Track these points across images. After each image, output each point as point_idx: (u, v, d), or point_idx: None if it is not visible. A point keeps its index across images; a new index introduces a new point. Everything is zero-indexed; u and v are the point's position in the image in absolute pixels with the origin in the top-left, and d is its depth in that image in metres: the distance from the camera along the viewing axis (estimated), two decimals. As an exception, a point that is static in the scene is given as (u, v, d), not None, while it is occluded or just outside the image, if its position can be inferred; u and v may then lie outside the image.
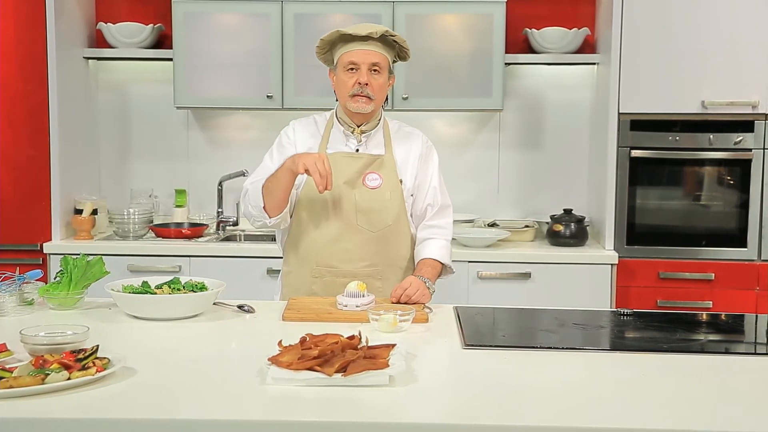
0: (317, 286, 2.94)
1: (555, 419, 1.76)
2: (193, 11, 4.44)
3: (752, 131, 4.18)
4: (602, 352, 2.29)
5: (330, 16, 4.38)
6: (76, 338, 2.06)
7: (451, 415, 1.82)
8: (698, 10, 4.15)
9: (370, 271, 2.92)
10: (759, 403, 1.90)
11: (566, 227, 4.38)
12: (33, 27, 4.23)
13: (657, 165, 4.27)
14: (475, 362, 2.18)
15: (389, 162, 2.97)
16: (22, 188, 4.30)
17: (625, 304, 4.16)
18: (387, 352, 2.04)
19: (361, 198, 2.92)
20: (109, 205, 4.67)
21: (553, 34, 4.54)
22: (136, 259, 4.27)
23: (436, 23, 4.44)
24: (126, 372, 1.96)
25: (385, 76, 2.91)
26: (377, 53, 2.88)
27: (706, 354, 2.32)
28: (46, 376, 1.81)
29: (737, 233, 4.24)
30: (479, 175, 4.84)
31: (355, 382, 1.90)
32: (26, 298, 2.63)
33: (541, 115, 4.81)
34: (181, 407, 1.81)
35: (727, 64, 4.15)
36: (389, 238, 2.96)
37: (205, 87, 4.51)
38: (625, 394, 1.93)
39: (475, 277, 4.22)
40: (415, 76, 4.44)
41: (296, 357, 1.97)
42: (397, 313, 2.43)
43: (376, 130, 3.01)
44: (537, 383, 2.02)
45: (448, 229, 3.04)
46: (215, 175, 4.75)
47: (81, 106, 4.61)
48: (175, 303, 2.51)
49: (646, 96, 4.20)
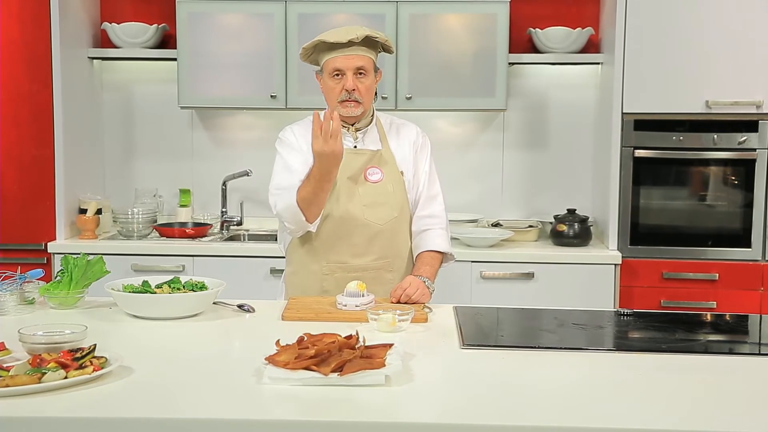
0: (328, 283, 2.94)
1: (552, 419, 1.76)
2: (197, 11, 4.45)
3: (756, 131, 4.16)
4: (601, 353, 2.28)
5: (333, 16, 4.38)
6: (74, 337, 2.07)
7: (446, 415, 1.82)
8: (702, 9, 4.14)
9: (380, 263, 2.94)
10: (762, 404, 1.90)
11: (570, 227, 4.37)
12: (38, 27, 4.24)
13: (661, 165, 4.25)
14: (473, 362, 2.17)
15: (388, 155, 2.99)
16: (26, 188, 4.32)
17: (629, 305, 4.16)
18: (384, 351, 2.04)
19: (365, 192, 2.94)
20: (114, 204, 4.68)
21: (557, 34, 4.53)
22: (139, 258, 4.28)
23: (440, 23, 4.44)
24: (123, 371, 1.97)
25: (371, 77, 2.92)
26: (361, 56, 2.88)
27: (708, 354, 2.31)
28: (42, 375, 1.82)
29: (741, 233, 4.22)
30: (483, 175, 4.84)
31: (351, 381, 1.90)
32: (27, 297, 2.64)
33: (546, 115, 4.81)
34: (177, 406, 1.81)
35: (731, 63, 4.14)
36: (395, 230, 2.97)
37: (208, 87, 4.52)
38: (624, 395, 1.93)
39: (478, 277, 4.22)
40: (418, 76, 4.44)
41: (293, 356, 1.97)
42: (395, 313, 2.44)
43: (370, 127, 3.02)
44: (535, 383, 2.02)
45: (442, 216, 3.05)
46: (219, 175, 4.76)
47: (86, 106, 4.62)
48: (174, 302, 2.51)
49: (650, 96, 4.19)
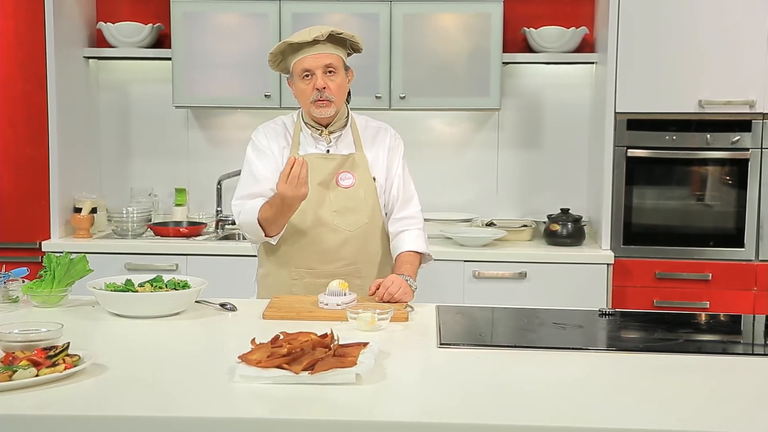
0: (297, 288, 2.95)
1: (522, 418, 1.76)
2: (191, 11, 4.46)
3: (749, 131, 4.16)
4: (578, 351, 2.27)
5: (327, 15, 4.39)
6: (50, 335, 2.08)
7: (416, 414, 1.81)
8: (696, 9, 4.13)
9: (349, 270, 2.94)
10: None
11: (563, 227, 4.37)
12: (32, 27, 4.26)
13: (654, 164, 4.25)
14: (448, 361, 2.18)
15: (361, 160, 2.99)
16: (21, 187, 4.34)
17: (622, 305, 4.16)
18: (358, 350, 2.04)
19: (336, 198, 2.94)
20: (110, 204, 4.70)
21: (551, 34, 4.53)
22: (133, 257, 4.29)
23: (434, 22, 4.44)
24: (96, 369, 1.97)
25: (341, 75, 2.92)
26: (328, 54, 2.88)
27: (680, 354, 2.27)
28: (13, 373, 1.83)
29: (734, 233, 4.22)
30: (478, 175, 4.84)
31: (322, 380, 1.90)
32: (11, 295, 2.65)
33: (540, 115, 4.80)
34: (146, 404, 1.82)
35: (725, 63, 4.13)
36: (366, 236, 2.97)
37: (203, 86, 4.53)
38: (597, 393, 1.94)
39: (471, 276, 4.22)
40: (412, 76, 4.44)
41: (266, 355, 1.98)
42: (375, 312, 2.44)
43: (345, 131, 3.02)
44: (507, 382, 2.02)
45: (418, 217, 3.05)
46: (215, 174, 4.77)
47: (81, 105, 4.64)
48: (154, 301, 2.52)
49: (643, 95, 4.19)
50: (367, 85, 4.35)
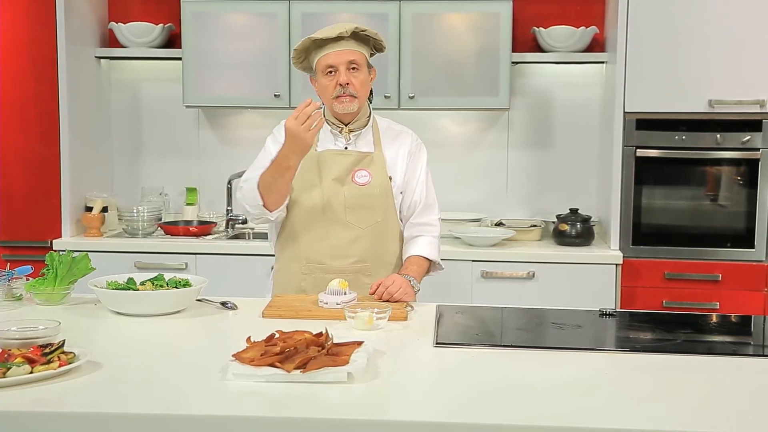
0: (306, 282, 2.96)
1: (517, 418, 1.76)
2: (201, 11, 4.49)
3: (760, 130, 4.12)
4: (574, 351, 2.25)
5: (337, 15, 4.39)
6: (47, 333, 2.10)
7: (407, 413, 1.81)
8: (705, 8, 4.11)
9: (358, 267, 2.94)
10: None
11: (572, 227, 4.36)
12: (44, 27, 4.30)
13: (663, 164, 4.22)
14: (442, 361, 2.18)
15: (378, 159, 2.99)
16: (33, 186, 4.38)
17: (631, 305, 4.14)
18: (351, 349, 2.05)
19: (350, 194, 2.94)
20: (121, 202, 4.74)
21: (561, 33, 4.51)
22: (143, 256, 4.32)
23: (443, 22, 4.44)
24: (91, 366, 1.99)
25: (364, 72, 2.93)
26: (352, 51, 2.90)
27: (680, 354, 2.26)
28: (8, 370, 1.85)
29: (745, 233, 4.18)
30: (488, 174, 4.83)
31: (314, 378, 1.91)
32: (15, 293, 2.68)
33: (550, 115, 4.79)
34: (137, 401, 1.83)
35: (735, 62, 4.10)
36: (378, 235, 2.97)
37: (213, 86, 4.55)
38: (593, 394, 1.93)
39: (479, 276, 4.21)
40: (422, 75, 4.44)
41: (259, 353, 1.99)
42: (373, 311, 2.44)
43: (365, 130, 3.02)
44: (503, 381, 2.01)
45: (436, 225, 3.05)
46: (225, 174, 4.79)
47: (93, 104, 4.68)
48: (154, 299, 2.54)
49: (653, 95, 4.16)
50: (376, 85, 4.26)
